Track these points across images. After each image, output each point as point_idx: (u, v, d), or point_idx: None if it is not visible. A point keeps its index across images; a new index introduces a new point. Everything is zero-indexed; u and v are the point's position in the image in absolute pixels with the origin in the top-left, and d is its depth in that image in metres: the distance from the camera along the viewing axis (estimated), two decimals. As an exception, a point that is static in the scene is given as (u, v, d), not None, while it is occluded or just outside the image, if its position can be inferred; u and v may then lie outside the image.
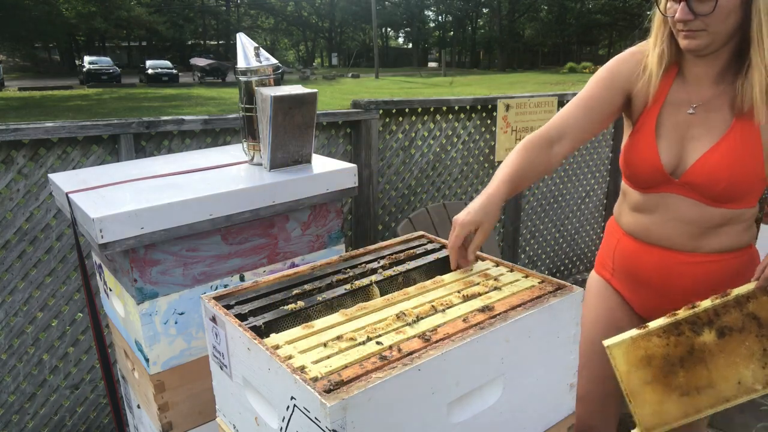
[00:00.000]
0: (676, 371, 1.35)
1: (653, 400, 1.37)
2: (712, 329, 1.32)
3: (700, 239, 1.39)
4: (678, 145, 1.36)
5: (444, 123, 3.17)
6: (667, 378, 1.36)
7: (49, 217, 2.17)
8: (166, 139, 2.37)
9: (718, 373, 1.33)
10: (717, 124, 1.32)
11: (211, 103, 17.41)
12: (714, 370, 1.33)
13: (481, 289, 1.14)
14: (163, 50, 43.18)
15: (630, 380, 1.37)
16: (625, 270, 1.53)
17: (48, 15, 30.24)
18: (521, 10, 50.49)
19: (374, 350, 0.92)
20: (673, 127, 1.37)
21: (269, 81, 1.56)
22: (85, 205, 1.32)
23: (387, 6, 54.39)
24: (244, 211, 1.44)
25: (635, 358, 1.36)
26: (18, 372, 2.23)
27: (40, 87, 23.07)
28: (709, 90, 1.33)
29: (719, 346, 1.32)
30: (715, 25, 1.22)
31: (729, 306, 1.31)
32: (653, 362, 1.36)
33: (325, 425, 0.79)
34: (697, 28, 1.24)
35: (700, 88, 1.34)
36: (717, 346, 1.32)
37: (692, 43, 1.26)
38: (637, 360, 1.36)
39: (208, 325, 1.13)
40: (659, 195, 1.41)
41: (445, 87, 25.44)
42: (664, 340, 1.35)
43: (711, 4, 1.20)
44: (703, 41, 1.25)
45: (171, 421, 1.44)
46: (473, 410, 0.99)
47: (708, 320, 1.33)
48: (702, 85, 1.34)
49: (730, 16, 1.21)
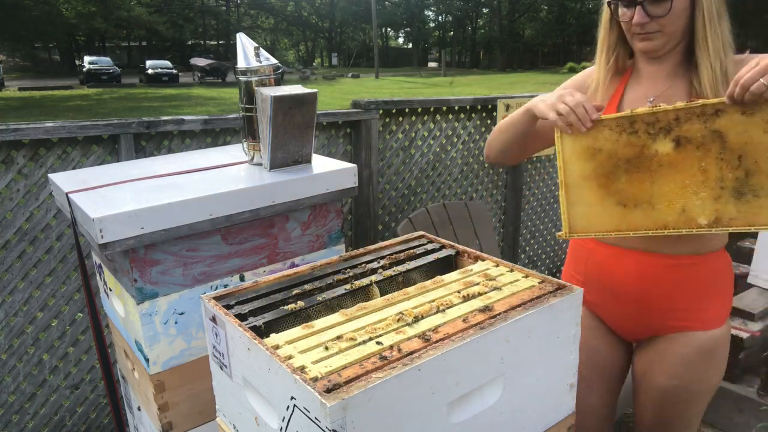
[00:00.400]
0: (619, 175, 1.23)
1: (587, 199, 1.27)
2: (668, 137, 1.17)
3: (676, 240, 1.34)
4: None
5: (444, 123, 3.17)
6: (607, 179, 1.25)
7: (49, 217, 2.17)
8: (166, 139, 2.37)
9: (662, 192, 1.19)
10: None
11: (211, 103, 17.41)
12: (659, 185, 1.19)
13: (481, 289, 1.14)
14: (163, 50, 43.18)
15: (570, 170, 1.28)
16: (600, 280, 1.46)
17: (48, 15, 30.24)
18: (521, 10, 50.50)
19: (374, 350, 0.92)
20: None
21: (269, 81, 1.56)
22: (85, 205, 1.32)
23: (387, 6, 54.39)
24: (244, 211, 1.44)
25: (581, 148, 1.26)
26: (18, 372, 2.23)
27: (40, 87, 23.07)
28: (664, 84, 1.35)
29: (671, 159, 1.17)
30: (669, 26, 1.26)
31: (693, 114, 1.15)
32: (598, 157, 1.25)
33: (325, 425, 0.79)
34: (653, 30, 1.27)
35: (656, 84, 1.36)
36: (668, 158, 1.17)
37: (649, 45, 1.29)
38: (582, 149, 1.26)
39: (208, 325, 1.13)
40: None
41: (445, 87, 25.44)
42: (615, 135, 1.23)
43: (666, 6, 1.23)
44: (659, 42, 1.28)
45: (171, 421, 1.44)
46: (473, 410, 0.99)
47: (667, 126, 1.17)
48: (657, 81, 1.36)
49: (681, 16, 1.25)
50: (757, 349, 2.59)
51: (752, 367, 2.61)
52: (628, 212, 1.24)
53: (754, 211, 1.10)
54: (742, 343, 2.53)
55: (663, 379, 1.42)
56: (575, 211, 1.29)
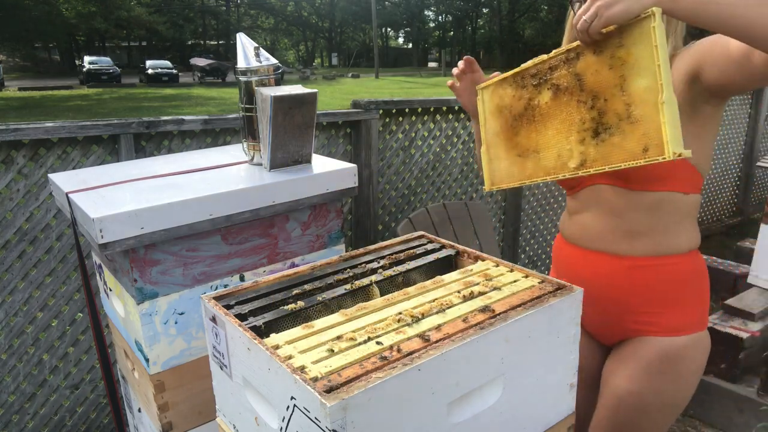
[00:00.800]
0: (517, 128, 1.29)
1: (500, 154, 1.34)
2: (546, 86, 1.21)
3: (633, 238, 1.30)
4: None
5: (444, 123, 3.17)
6: (510, 132, 1.31)
7: (49, 217, 2.17)
8: (166, 139, 2.37)
9: (545, 140, 1.23)
10: None
11: (211, 103, 17.41)
12: (542, 134, 1.23)
13: (481, 289, 1.14)
14: (163, 50, 43.18)
15: (487, 129, 1.36)
16: (572, 282, 1.43)
17: (48, 15, 30.25)
18: (521, 10, 50.49)
19: (374, 350, 0.92)
20: None
21: (269, 81, 1.56)
22: (85, 205, 1.32)
23: (387, 6, 54.37)
24: (244, 211, 1.44)
25: (493, 105, 1.34)
26: (18, 372, 2.23)
27: (40, 87, 23.07)
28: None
29: (549, 108, 1.21)
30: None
31: (561, 61, 1.17)
32: (504, 113, 1.31)
33: (325, 425, 0.79)
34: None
35: None
36: (547, 107, 1.21)
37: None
38: (494, 107, 1.34)
39: (208, 325, 1.13)
40: (587, 189, 1.37)
41: (445, 87, 25.35)
42: (512, 91, 1.28)
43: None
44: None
45: (171, 421, 1.44)
46: (473, 410, 0.99)
47: (544, 76, 1.21)
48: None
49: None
50: (757, 349, 2.59)
51: (752, 367, 2.61)
52: (525, 162, 1.29)
53: (608, 149, 1.11)
54: (742, 343, 2.53)
55: (621, 382, 1.36)
56: (493, 166, 1.37)
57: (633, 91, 1.03)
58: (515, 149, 1.30)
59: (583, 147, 1.14)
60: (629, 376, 1.35)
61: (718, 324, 2.63)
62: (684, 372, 1.33)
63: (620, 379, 1.37)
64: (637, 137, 1.03)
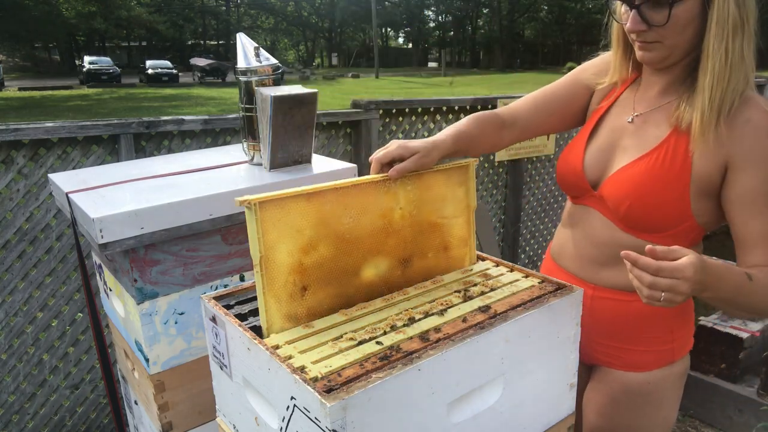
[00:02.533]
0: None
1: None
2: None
3: (603, 269, 1.24)
4: (606, 153, 1.23)
5: (444, 123, 3.17)
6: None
7: (49, 217, 2.17)
8: (166, 139, 2.37)
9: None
10: (649, 139, 1.17)
11: (211, 103, 17.41)
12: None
13: (481, 289, 1.14)
14: (163, 50, 43.21)
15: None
16: None
17: (48, 15, 30.27)
18: (521, 10, 50.53)
19: (374, 350, 0.92)
20: (609, 132, 1.24)
21: (269, 81, 1.56)
22: (85, 205, 1.32)
23: (387, 6, 54.41)
24: (244, 211, 1.44)
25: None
26: (18, 372, 2.23)
27: (40, 87, 23.08)
28: (655, 100, 1.19)
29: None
30: (671, 37, 1.07)
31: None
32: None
33: (325, 425, 0.79)
34: (652, 40, 1.09)
35: (647, 98, 1.21)
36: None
37: (647, 55, 1.12)
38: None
39: (208, 325, 1.12)
40: (582, 207, 1.29)
41: (445, 87, 25.44)
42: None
43: (665, 14, 1.04)
44: (659, 54, 1.11)
45: (171, 421, 1.44)
46: (473, 410, 0.99)
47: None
48: (650, 93, 1.21)
49: (687, 28, 1.06)
50: (757, 349, 2.59)
51: (752, 367, 2.61)
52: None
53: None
54: (742, 343, 2.53)
55: (592, 417, 1.33)
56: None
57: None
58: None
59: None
60: (599, 411, 1.32)
61: (718, 324, 2.63)
62: (657, 405, 1.27)
63: (592, 414, 1.34)
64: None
